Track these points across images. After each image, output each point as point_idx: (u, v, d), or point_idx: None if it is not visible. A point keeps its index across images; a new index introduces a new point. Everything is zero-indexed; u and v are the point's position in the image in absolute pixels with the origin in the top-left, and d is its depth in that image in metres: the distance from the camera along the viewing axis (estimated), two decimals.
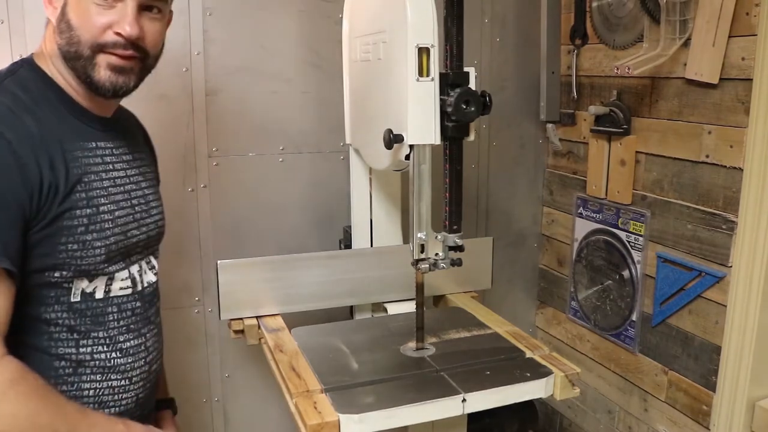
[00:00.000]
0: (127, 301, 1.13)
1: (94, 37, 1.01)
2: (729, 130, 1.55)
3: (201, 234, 1.81)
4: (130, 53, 1.04)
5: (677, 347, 1.75)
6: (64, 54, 1.03)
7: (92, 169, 1.05)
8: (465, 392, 1.24)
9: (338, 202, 1.86)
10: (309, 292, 1.63)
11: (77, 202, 1.02)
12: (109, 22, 1.01)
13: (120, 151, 1.12)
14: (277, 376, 1.37)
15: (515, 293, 2.29)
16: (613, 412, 2.02)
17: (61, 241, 1.01)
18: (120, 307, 1.11)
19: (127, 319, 1.13)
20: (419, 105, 1.20)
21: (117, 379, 1.11)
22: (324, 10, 1.82)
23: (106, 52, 1.03)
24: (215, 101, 1.76)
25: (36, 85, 1.04)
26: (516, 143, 2.17)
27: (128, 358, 1.13)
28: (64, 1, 1.02)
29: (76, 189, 1.02)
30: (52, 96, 1.05)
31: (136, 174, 1.16)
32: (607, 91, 1.91)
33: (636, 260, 1.85)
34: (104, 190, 1.07)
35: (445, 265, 1.31)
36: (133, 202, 1.13)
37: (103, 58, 1.03)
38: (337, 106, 1.67)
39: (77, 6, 1.01)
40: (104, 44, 1.02)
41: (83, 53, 1.02)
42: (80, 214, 1.02)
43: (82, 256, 1.03)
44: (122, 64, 1.04)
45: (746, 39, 1.48)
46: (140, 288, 1.16)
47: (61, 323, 1.05)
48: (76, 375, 1.07)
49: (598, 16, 1.91)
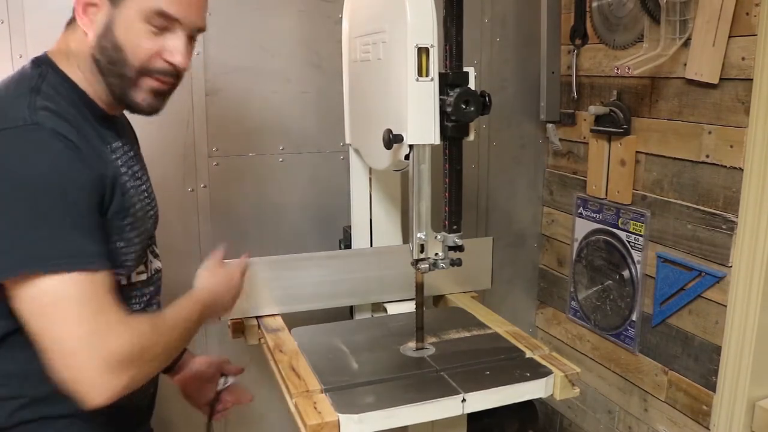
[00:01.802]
0: (144, 286, 1.16)
1: (142, 62, 1.02)
2: (729, 130, 1.55)
3: (201, 234, 1.81)
4: (173, 80, 1.07)
5: (677, 347, 1.75)
6: (102, 68, 1.03)
7: (121, 169, 1.07)
8: (465, 392, 1.24)
9: (338, 202, 1.86)
10: (309, 292, 1.63)
11: (122, 202, 1.04)
12: (160, 49, 1.02)
13: (127, 148, 1.14)
14: (277, 376, 1.37)
15: (515, 293, 2.29)
16: (613, 412, 2.02)
17: (113, 239, 1.03)
18: (140, 291, 1.15)
19: (144, 303, 1.16)
20: (419, 105, 1.20)
21: None
22: (324, 10, 1.82)
23: (151, 77, 1.04)
24: (215, 101, 1.76)
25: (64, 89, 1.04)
26: (516, 143, 2.17)
27: None
28: (110, 18, 1.01)
29: (117, 191, 1.03)
30: (77, 100, 1.05)
31: (140, 169, 1.18)
32: (607, 91, 1.91)
33: (636, 260, 1.85)
34: (134, 188, 1.09)
35: (445, 265, 1.31)
36: (144, 195, 1.16)
37: (147, 82, 1.04)
38: (337, 106, 1.67)
39: (128, 27, 1.01)
40: (153, 70, 1.03)
41: (127, 74, 1.03)
42: (126, 214, 1.05)
43: (126, 253, 1.06)
44: (163, 89, 1.07)
45: (746, 39, 1.48)
46: (151, 274, 1.19)
47: None
48: None
49: (598, 16, 1.91)
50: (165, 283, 1.27)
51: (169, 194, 1.76)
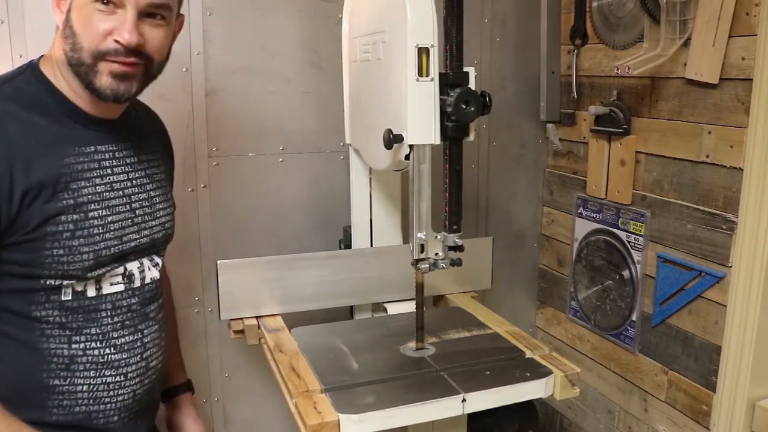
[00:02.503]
0: (122, 298, 1.12)
1: (95, 44, 1.00)
2: (729, 130, 1.55)
3: (201, 234, 1.81)
4: (132, 60, 1.02)
5: (677, 347, 1.75)
6: (69, 59, 1.02)
7: (85, 174, 1.04)
8: (465, 392, 1.24)
9: (338, 202, 1.86)
10: (309, 292, 1.63)
11: (63, 208, 1.01)
12: (110, 29, 1.00)
13: (124, 154, 1.12)
14: (277, 376, 1.37)
15: (515, 293, 2.29)
16: (613, 412, 2.02)
17: (45, 247, 1.00)
18: (114, 304, 1.11)
19: (122, 316, 1.12)
20: (419, 105, 1.20)
21: (111, 375, 1.11)
22: (324, 10, 1.82)
23: (108, 60, 1.01)
24: (215, 101, 1.76)
25: (34, 90, 1.04)
26: (516, 143, 2.17)
27: (123, 354, 1.12)
28: (69, 6, 1.01)
29: (63, 195, 1.01)
30: (51, 102, 1.04)
31: (141, 176, 1.15)
32: (607, 91, 1.91)
33: (636, 260, 1.85)
34: (97, 195, 1.06)
35: (445, 265, 1.31)
36: (134, 205, 1.13)
37: (104, 66, 1.01)
38: (337, 106, 1.67)
39: (80, 12, 1.00)
40: (105, 52, 1.00)
41: (85, 60, 1.01)
42: (66, 220, 1.02)
43: (68, 261, 1.03)
44: (124, 71, 1.03)
45: (746, 39, 1.48)
46: (138, 285, 1.15)
47: (52, 321, 1.05)
48: (69, 371, 1.07)
49: (598, 16, 1.91)
50: None
51: None
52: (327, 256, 1.70)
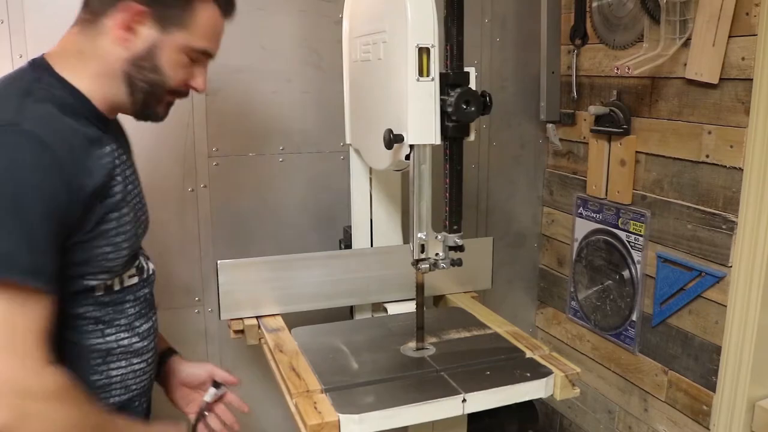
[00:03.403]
0: (138, 288, 1.17)
1: (175, 85, 1.11)
2: (729, 130, 1.55)
3: (201, 234, 1.81)
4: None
5: (677, 347, 1.75)
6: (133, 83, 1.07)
7: (114, 172, 1.07)
8: (465, 392, 1.24)
9: (338, 202, 1.86)
10: (309, 292, 1.63)
11: (110, 205, 1.04)
12: (189, 77, 1.12)
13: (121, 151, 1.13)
14: (277, 376, 1.37)
15: (515, 293, 2.29)
16: (613, 412, 2.02)
17: (99, 244, 1.03)
18: (135, 295, 1.16)
19: (141, 305, 1.17)
20: (419, 105, 1.20)
21: (138, 362, 1.16)
22: (324, 10, 1.82)
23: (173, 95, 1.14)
24: (215, 101, 1.76)
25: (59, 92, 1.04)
26: (516, 143, 2.17)
27: (144, 341, 1.17)
28: (155, 43, 1.05)
29: (108, 193, 1.04)
30: (76, 103, 1.05)
31: (134, 171, 1.18)
32: (607, 91, 1.91)
33: (636, 260, 1.85)
34: (125, 192, 1.09)
35: (445, 265, 1.31)
36: (137, 199, 1.16)
37: (168, 98, 1.14)
38: (337, 106, 1.67)
39: (170, 55, 1.07)
40: (178, 92, 1.13)
41: (157, 92, 1.10)
42: (112, 217, 1.05)
43: (113, 258, 1.07)
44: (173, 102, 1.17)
45: (746, 39, 1.48)
46: (146, 275, 1.20)
47: (88, 316, 1.08)
48: (105, 363, 1.11)
49: (598, 16, 1.92)
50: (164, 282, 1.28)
51: (168, 194, 1.76)
52: (327, 256, 1.70)
